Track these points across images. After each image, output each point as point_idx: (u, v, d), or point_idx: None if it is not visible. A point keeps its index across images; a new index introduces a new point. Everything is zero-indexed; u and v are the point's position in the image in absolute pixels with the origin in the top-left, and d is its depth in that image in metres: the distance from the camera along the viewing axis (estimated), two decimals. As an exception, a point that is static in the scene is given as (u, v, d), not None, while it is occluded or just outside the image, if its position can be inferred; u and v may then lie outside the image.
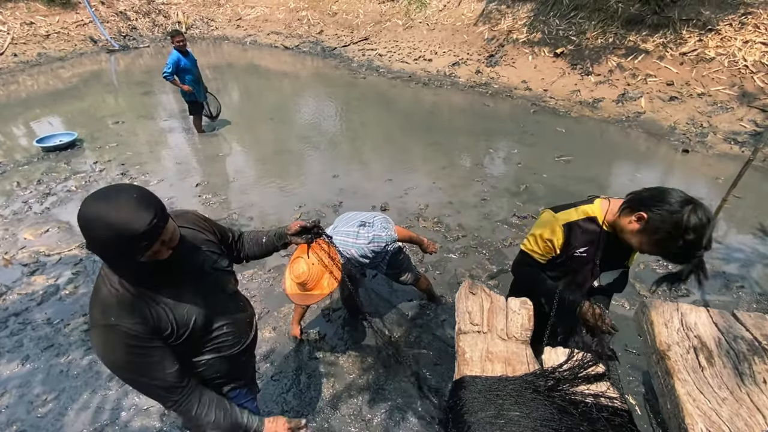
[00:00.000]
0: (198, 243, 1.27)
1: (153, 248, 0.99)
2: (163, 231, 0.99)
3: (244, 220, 4.17)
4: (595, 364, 0.84)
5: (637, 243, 1.35)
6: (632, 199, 1.38)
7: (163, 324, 1.09)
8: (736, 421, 0.82)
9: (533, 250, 1.58)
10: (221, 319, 1.28)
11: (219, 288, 1.29)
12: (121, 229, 0.92)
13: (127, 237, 0.92)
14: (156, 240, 0.98)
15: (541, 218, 1.59)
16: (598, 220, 1.49)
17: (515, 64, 8.60)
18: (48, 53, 10.72)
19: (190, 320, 1.15)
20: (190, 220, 1.32)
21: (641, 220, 1.31)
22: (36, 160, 5.49)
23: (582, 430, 0.70)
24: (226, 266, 1.36)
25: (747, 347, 0.82)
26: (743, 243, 3.87)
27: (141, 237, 0.94)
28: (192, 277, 1.20)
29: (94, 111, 7.33)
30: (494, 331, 0.95)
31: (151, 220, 0.95)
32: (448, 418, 0.80)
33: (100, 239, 0.94)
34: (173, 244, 1.06)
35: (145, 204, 0.96)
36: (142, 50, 12.01)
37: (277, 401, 2.41)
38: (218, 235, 1.41)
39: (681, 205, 1.23)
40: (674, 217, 1.22)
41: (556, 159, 5.47)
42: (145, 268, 1.03)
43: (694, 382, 0.87)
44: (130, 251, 0.96)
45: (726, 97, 6.41)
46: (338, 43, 11.31)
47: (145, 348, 1.05)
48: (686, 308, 0.90)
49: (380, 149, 5.94)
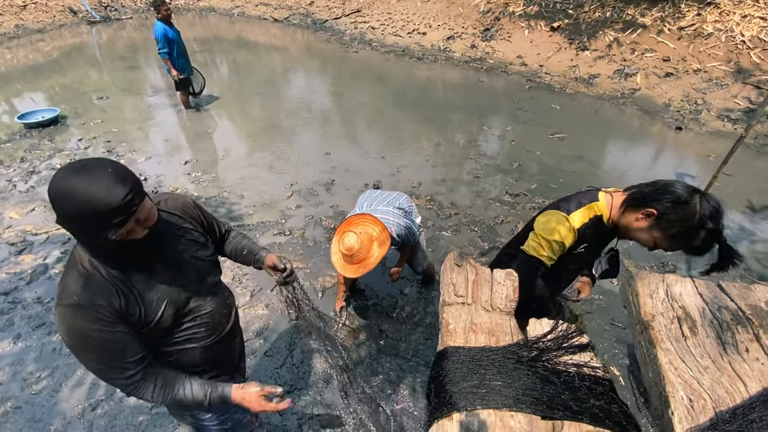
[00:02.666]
0: (180, 231, 1.23)
1: (127, 226, 0.95)
2: (138, 209, 0.95)
3: (235, 198, 4.13)
4: (579, 334, 0.85)
5: (649, 240, 1.29)
6: (635, 196, 1.32)
7: (131, 309, 1.05)
8: (717, 389, 0.83)
9: (547, 256, 1.44)
10: (196, 309, 1.24)
11: (198, 278, 1.24)
12: (94, 202, 0.88)
13: (99, 212, 0.89)
14: (130, 217, 0.94)
15: (551, 220, 1.45)
16: (604, 218, 1.42)
17: (511, 39, 8.42)
18: (26, 25, 10.26)
19: (160, 308, 1.11)
20: (178, 206, 1.26)
21: (651, 217, 1.25)
22: (18, 137, 5.33)
23: (563, 398, 0.72)
24: (209, 256, 1.30)
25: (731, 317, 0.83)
26: (731, 220, 3.92)
27: (114, 212, 0.90)
28: (169, 264, 1.16)
29: (77, 86, 7.09)
30: (479, 303, 0.95)
31: (125, 195, 0.91)
32: (431, 389, 0.82)
33: (71, 213, 0.90)
34: (149, 224, 1.02)
35: (120, 178, 0.92)
36: (124, 22, 11.54)
37: (271, 375, 2.45)
38: (206, 225, 1.37)
39: (690, 196, 1.18)
40: (688, 209, 1.17)
41: (550, 136, 5.43)
42: (117, 248, 0.98)
43: (677, 351, 0.89)
44: (102, 227, 0.92)
45: (721, 73, 6.36)
46: (329, 15, 10.95)
47: (107, 332, 1.01)
48: (672, 279, 0.91)
49: (373, 126, 5.85)
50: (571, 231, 1.40)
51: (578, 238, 1.41)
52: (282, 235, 3.62)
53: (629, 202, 1.33)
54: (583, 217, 1.41)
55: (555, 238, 1.41)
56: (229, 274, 3.16)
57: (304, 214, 3.90)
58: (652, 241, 1.29)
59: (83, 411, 2.26)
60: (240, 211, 3.95)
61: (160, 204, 1.20)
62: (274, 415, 2.24)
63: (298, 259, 3.34)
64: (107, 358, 1.03)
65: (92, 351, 1.02)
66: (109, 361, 1.04)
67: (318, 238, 3.59)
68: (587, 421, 0.68)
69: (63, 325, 0.99)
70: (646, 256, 3.44)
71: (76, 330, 0.99)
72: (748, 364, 0.88)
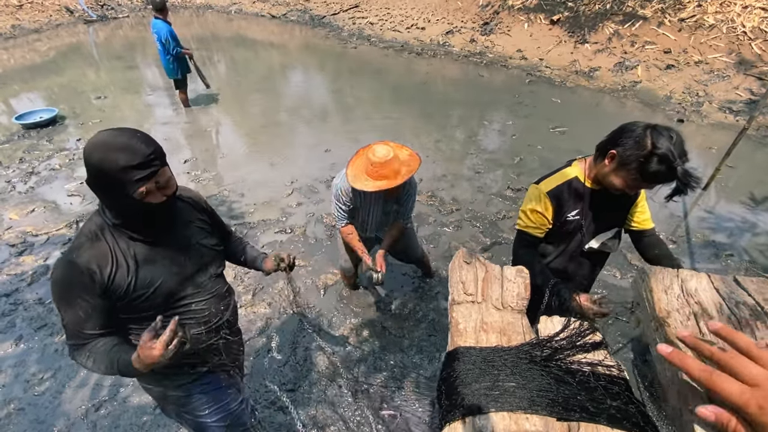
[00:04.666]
0: (191, 217, 1.29)
1: (147, 186, 1.01)
2: (159, 171, 1.03)
3: (235, 197, 4.11)
4: (592, 332, 0.83)
5: (619, 182, 1.35)
6: (600, 146, 1.41)
7: (119, 280, 1.09)
8: None
9: (527, 226, 1.57)
10: (192, 296, 1.25)
11: (200, 263, 1.27)
12: (120, 154, 0.96)
13: (123, 165, 0.97)
14: (151, 177, 1.01)
15: (528, 193, 1.60)
16: (580, 178, 1.50)
17: (510, 33, 8.36)
18: (22, 25, 10.19)
19: (153, 285, 1.14)
20: (192, 196, 1.35)
21: (613, 159, 1.34)
22: (17, 137, 5.30)
23: (579, 399, 0.70)
24: (214, 245, 1.34)
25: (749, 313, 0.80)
26: (734, 212, 3.90)
27: (137, 167, 0.98)
28: (174, 245, 1.20)
29: (74, 86, 7.04)
30: (489, 301, 0.93)
31: (149, 154, 1.00)
32: (441, 391, 0.80)
33: (98, 165, 0.98)
34: (168, 192, 1.09)
35: (145, 140, 1.02)
36: (121, 20, 11.47)
37: (274, 374, 2.44)
38: (214, 220, 1.42)
39: (643, 130, 1.27)
40: (639, 142, 1.26)
41: (550, 130, 5.40)
42: (134, 208, 1.04)
43: None
44: (126, 182, 0.98)
45: (723, 65, 6.32)
46: (327, 11, 10.87)
47: (81, 298, 1.06)
48: (687, 274, 0.88)
49: (372, 122, 5.82)
50: (540, 197, 1.51)
51: (555, 202, 1.50)
52: (283, 233, 3.60)
53: (596, 152, 1.43)
54: (552, 181, 1.52)
55: (529, 207, 1.55)
56: (231, 273, 3.14)
57: (305, 212, 3.88)
58: (622, 182, 1.35)
59: (86, 412, 2.26)
60: (241, 209, 3.93)
61: (177, 190, 1.25)
62: (277, 414, 2.24)
63: (299, 256, 3.32)
64: (70, 319, 1.09)
65: (65, 307, 1.09)
66: (69, 322, 1.10)
67: (319, 236, 3.57)
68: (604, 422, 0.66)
69: (55, 272, 1.08)
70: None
71: (61, 282, 1.07)
72: None
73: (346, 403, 2.29)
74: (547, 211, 1.52)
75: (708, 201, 4.08)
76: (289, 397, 2.30)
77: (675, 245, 3.48)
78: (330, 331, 2.74)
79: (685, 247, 3.49)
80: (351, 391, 2.35)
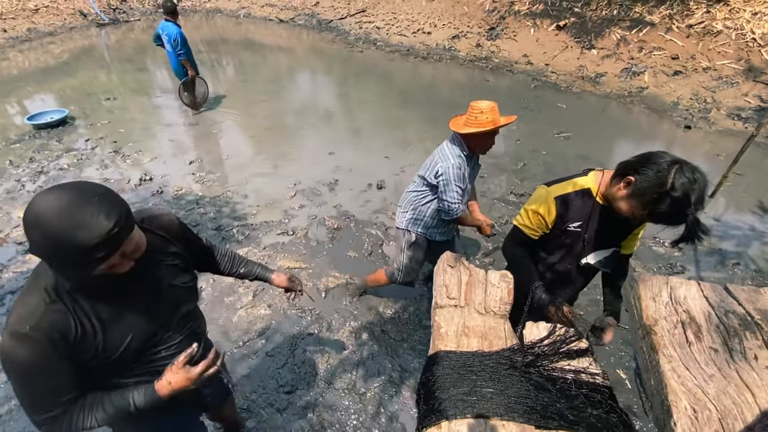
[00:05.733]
0: (162, 254, 1.11)
1: (110, 260, 0.85)
2: (125, 241, 0.86)
3: (239, 198, 4.14)
4: (578, 339, 0.82)
5: (627, 209, 1.31)
6: (620, 166, 1.35)
7: (86, 345, 0.96)
8: (723, 399, 0.78)
9: (525, 225, 1.56)
10: (163, 341, 1.13)
11: (172, 307, 1.14)
12: (74, 236, 0.78)
13: (80, 246, 0.79)
14: (115, 251, 0.85)
15: (535, 193, 1.57)
16: (592, 191, 1.45)
17: (516, 38, 8.36)
18: (38, 28, 10.40)
19: (123, 343, 1.01)
20: (162, 225, 1.14)
21: (629, 185, 1.28)
22: (28, 137, 5.40)
23: (559, 407, 0.69)
24: (187, 282, 1.19)
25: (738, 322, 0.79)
26: (741, 220, 3.85)
27: (96, 247, 0.80)
28: (144, 293, 1.05)
29: (85, 87, 7.17)
30: (472, 305, 0.93)
31: (111, 228, 0.81)
32: (420, 395, 0.79)
33: (47, 245, 0.80)
34: (137, 255, 0.93)
35: (106, 208, 0.82)
36: (132, 24, 11.66)
37: (273, 376, 2.44)
38: (189, 244, 1.26)
39: (668, 165, 1.20)
40: (660, 177, 1.19)
41: (555, 135, 5.38)
42: (96, 281, 0.89)
43: (680, 358, 0.83)
44: (83, 263, 0.82)
45: (732, 71, 6.25)
46: (335, 16, 10.96)
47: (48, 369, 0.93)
48: (676, 282, 0.87)
49: (377, 126, 5.84)
50: (547, 200, 1.47)
51: (560, 209, 1.46)
52: (285, 235, 3.62)
53: (615, 172, 1.37)
54: (563, 188, 1.48)
55: (532, 207, 1.51)
56: (233, 274, 3.16)
57: (307, 214, 3.90)
58: (630, 210, 1.31)
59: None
60: (244, 210, 3.96)
61: (144, 223, 1.10)
62: (275, 416, 2.24)
63: (300, 259, 3.34)
64: (38, 394, 0.95)
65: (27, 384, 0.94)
66: (39, 397, 0.96)
67: (321, 238, 3.58)
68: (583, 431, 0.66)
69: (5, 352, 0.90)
70: (653, 257, 3.39)
71: (18, 360, 0.90)
72: (757, 373, 0.82)
73: (344, 407, 2.29)
74: (549, 216, 1.49)
75: (715, 208, 4.03)
76: (287, 399, 2.31)
77: (680, 253, 3.44)
78: (329, 333, 2.74)
79: (690, 254, 3.45)
80: (349, 395, 2.35)
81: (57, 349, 0.91)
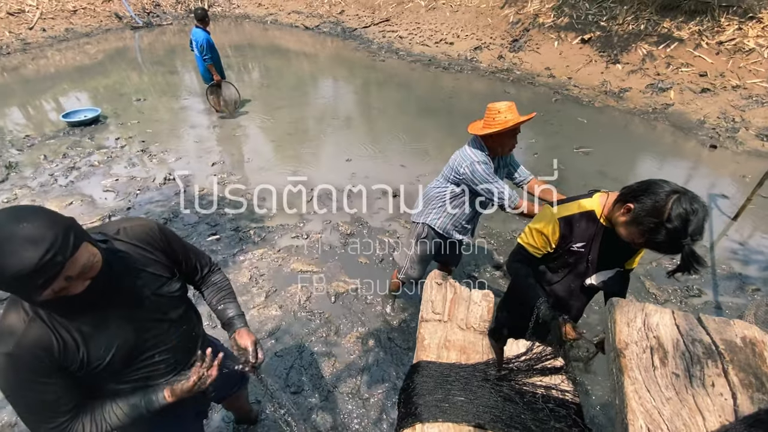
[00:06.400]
0: (141, 264, 1.09)
1: (54, 286, 0.83)
2: (64, 267, 0.83)
3: (257, 201, 4.26)
4: (554, 357, 0.87)
5: (627, 235, 1.33)
6: (623, 191, 1.37)
7: (70, 357, 0.96)
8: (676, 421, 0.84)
9: (529, 243, 1.59)
10: (154, 348, 1.13)
11: (158, 315, 1.13)
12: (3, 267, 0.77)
13: (11, 277, 0.78)
14: (55, 277, 0.82)
15: (541, 212, 1.61)
16: (596, 214, 1.48)
17: (539, 50, 8.33)
18: (75, 29, 10.95)
19: (109, 352, 1.01)
20: (139, 235, 1.12)
21: (628, 212, 1.30)
22: (62, 134, 5.69)
23: (523, 418, 0.74)
24: (174, 291, 1.17)
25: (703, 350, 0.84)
26: (764, 245, 3.73)
27: (30, 277, 0.79)
28: (125, 302, 1.05)
29: (118, 87, 7.50)
30: (454, 321, 0.99)
31: (40, 258, 0.78)
32: (401, 400, 0.86)
33: None
34: (91, 275, 0.90)
35: (34, 235, 0.79)
36: (165, 27, 12.13)
37: (280, 376, 2.50)
38: (174, 255, 1.22)
39: (667, 195, 1.21)
40: (657, 206, 1.21)
41: (575, 150, 5.33)
42: (53, 303, 0.88)
43: (644, 381, 0.90)
44: (23, 290, 0.82)
45: (763, 90, 6.08)
46: (359, 24, 11.15)
47: (41, 384, 0.94)
48: (651, 309, 0.92)
49: (395, 134, 5.91)
50: (551, 220, 1.51)
51: (564, 230, 1.49)
52: (299, 239, 3.70)
53: (618, 197, 1.39)
54: (567, 209, 1.51)
55: (536, 227, 1.55)
56: (246, 274, 3.26)
57: (321, 219, 3.97)
58: (629, 236, 1.33)
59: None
60: (261, 213, 4.07)
61: (119, 233, 1.10)
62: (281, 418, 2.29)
63: (313, 263, 3.41)
64: (38, 408, 0.97)
65: (23, 400, 0.96)
66: (40, 410, 0.97)
67: (334, 243, 3.65)
68: None
69: None
70: (671, 279, 3.32)
71: (9, 379, 0.92)
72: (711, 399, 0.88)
73: (347, 411, 2.33)
74: (553, 236, 1.52)
75: (739, 232, 3.92)
76: (293, 399, 2.36)
77: (698, 276, 3.36)
78: (337, 338, 2.79)
79: (708, 278, 3.37)
80: (353, 399, 2.39)
81: (44, 365, 0.93)
